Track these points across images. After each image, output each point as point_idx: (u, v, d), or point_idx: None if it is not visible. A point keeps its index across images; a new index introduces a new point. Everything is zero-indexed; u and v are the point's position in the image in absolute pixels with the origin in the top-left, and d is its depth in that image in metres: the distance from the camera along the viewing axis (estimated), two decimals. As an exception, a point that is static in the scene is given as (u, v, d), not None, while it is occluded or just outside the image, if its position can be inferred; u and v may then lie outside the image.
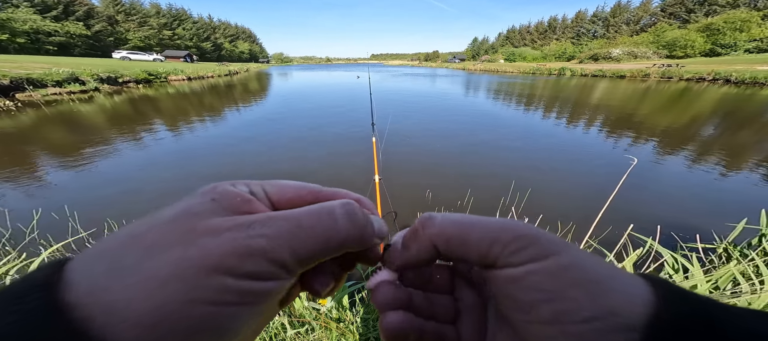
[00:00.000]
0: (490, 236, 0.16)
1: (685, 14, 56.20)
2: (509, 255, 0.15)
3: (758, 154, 4.84)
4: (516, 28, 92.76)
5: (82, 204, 3.04)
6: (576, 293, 0.14)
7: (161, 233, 0.14)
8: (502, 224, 0.16)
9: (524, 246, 0.15)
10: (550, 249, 0.15)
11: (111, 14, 55.67)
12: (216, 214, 0.15)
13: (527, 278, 0.15)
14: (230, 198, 0.17)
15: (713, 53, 43.09)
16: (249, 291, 0.14)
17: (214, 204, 0.16)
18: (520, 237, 0.15)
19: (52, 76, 12.83)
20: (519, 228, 0.16)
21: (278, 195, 0.19)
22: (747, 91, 15.43)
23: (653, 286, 0.14)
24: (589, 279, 0.14)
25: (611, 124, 7.25)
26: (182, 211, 0.15)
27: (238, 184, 0.18)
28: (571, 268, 0.14)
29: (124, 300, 0.12)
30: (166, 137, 5.90)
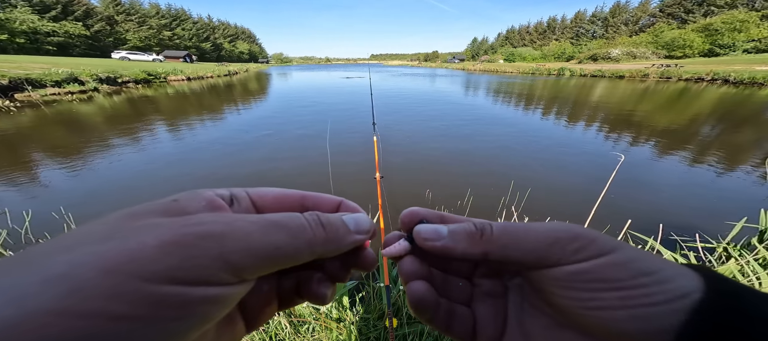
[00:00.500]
0: (548, 239, 0.17)
1: (683, 15, 56.39)
2: (571, 253, 0.16)
3: (757, 153, 4.85)
4: (515, 29, 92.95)
5: (78, 205, 3.03)
6: (644, 280, 0.15)
7: (82, 232, 0.12)
8: (555, 228, 0.17)
9: (585, 245, 0.16)
10: (610, 247, 0.16)
11: (110, 14, 55.60)
12: (167, 214, 0.14)
13: (594, 271, 0.16)
14: (196, 199, 0.15)
15: (712, 53, 43.23)
16: (169, 300, 0.11)
17: (173, 204, 0.14)
18: (579, 237, 0.17)
19: (51, 76, 12.81)
20: (572, 230, 0.17)
21: (261, 198, 0.18)
22: (745, 91, 15.47)
23: (698, 272, 0.16)
24: (650, 269, 0.15)
25: (611, 124, 7.26)
26: (128, 210, 0.13)
27: (219, 190, 0.17)
28: (633, 261, 0.16)
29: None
30: (164, 138, 5.89)
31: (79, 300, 0.10)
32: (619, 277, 0.15)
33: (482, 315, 0.21)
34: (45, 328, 0.09)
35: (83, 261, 0.11)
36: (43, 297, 0.10)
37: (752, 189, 3.60)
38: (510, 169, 4.20)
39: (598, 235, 0.17)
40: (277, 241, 0.14)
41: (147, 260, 0.11)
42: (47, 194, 3.31)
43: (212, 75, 26.04)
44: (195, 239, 0.12)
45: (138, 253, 0.11)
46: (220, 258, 0.12)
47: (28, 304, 0.10)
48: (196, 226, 0.13)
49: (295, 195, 0.20)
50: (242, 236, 0.13)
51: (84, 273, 0.10)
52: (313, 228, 0.16)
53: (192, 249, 0.12)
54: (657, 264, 0.16)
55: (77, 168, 4.12)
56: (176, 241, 0.12)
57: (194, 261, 0.12)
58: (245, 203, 0.18)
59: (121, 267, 0.11)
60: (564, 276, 0.16)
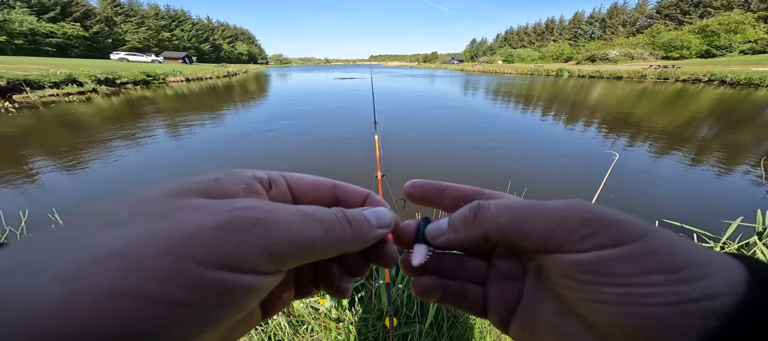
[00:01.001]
0: (550, 223, 0.15)
1: (680, 16, 56.79)
2: (577, 240, 0.14)
3: (754, 154, 4.89)
4: (514, 30, 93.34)
5: (71, 206, 3.02)
6: (657, 278, 0.13)
7: (131, 209, 0.12)
8: (564, 209, 0.15)
9: (595, 231, 0.14)
10: (632, 236, 0.14)
11: (109, 15, 55.53)
12: (209, 194, 0.13)
13: (597, 263, 0.14)
14: (236, 181, 0.15)
15: (708, 54, 43.53)
16: (215, 286, 0.11)
17: (215, 183, 0.14)
18: (587, 222, 0.14)
19: (50, 77, 12.78)
20: (585, 212, 0.15)
21: (297, 184, 0.19)
22: (742, 92, 15.57)
23: (748, 268, 0.13)
24: (675, 266, 0.13)
25: (609, 125, 7.30)
26: (170, 187, 0.13)
27: (257, 172, 0.17)
28: (654, 254, 0.13)
29: (38, 284, 0.09)
30: (163, 138, 5.88)
31: (135, 282, 0.10)
32: (626, 272, 0.13)
33: (494, 295, 0.20)
34: (97, 310, 0.09)
35: (140, 239, 0.10)
36: (96, 277, 0.09)
37: (749, 189, 3.63)
38: (509, 169, 4.21)
39: (620, 220, 0.14)
40: (313, 234, 0.14)
41: (202, 243, 0.11)
42: (41, 195, 3.30)
43: (211, 76, 26.02)
44: (246, 225, 0.12)
45: (194, 236, 0.11)
46: (266, 247, 0.12)
47: (81, 284, 0.09)
48: (245, 211, 0.12)
49: (327, 184, 0.20)
50: (285, 226, 0.13)
51: (142, 253, 0.10)
52: (342, 225, 0.16)
53: (243, 234, 0.12)
54: (689, 260, 0.13)
55: (73, 168, 4.11)
56: (229, 225, 0.12)
57: (244, 248, 0.12)
58: (282, 188, 0.17)
59: (178, 250, 0.11)
60: (564, 264, 0.15)
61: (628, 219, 0.14)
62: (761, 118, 8.43)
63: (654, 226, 0.14)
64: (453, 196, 0.22)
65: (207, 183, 0.14)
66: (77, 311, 0.09)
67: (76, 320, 0.09)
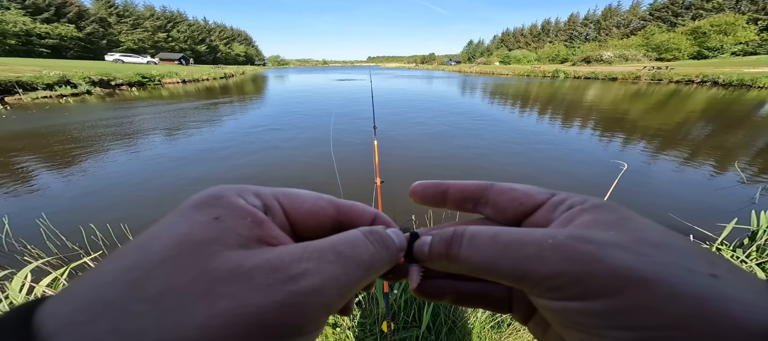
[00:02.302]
0: (519, 271, 0.14)
1: (672, 18, 57.69)
2: (542, 290, 0.14)
3: (748, 154, 4.96)
4: (510, 31, 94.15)
5: (60, 213, 2.97)
6: (618, 334, 0.12)
7: (167, 276, 0.11)
8: (538, 253, 0.13)
9: (561, 285, 0.13)
10: (604, 289, 0.12)
11: (103, 16, 55.01)
12: (226, 245, 0.13)
13: (562, 312, 0.13)
14: (239, 218, 0.14)
15: (700, 56, 44.25)
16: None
17: (220, 226, 0.13)
18: (557, 274, 0.13)
19: (43, 78, 12.61)
20: (557, 262, 0.13)
21: (293, 207, 0.17)
22: (734, 93, 15.84)
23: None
24: (648, 323, 0.11)
25: (606, 127, 7.37)
26: (181, 239, 0.12)
27: (247, 194, 0.15)
28: (624, 312, 0.12)
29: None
30: (158, 141, 5.82)
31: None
32: (588, 323, 0.13)
33: (518, 294, 0.19)
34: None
35: (213, 335, 0.10)
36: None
37: (743, 189, 3.67)
38: (507, 173, 4.23)
39: (593, 273, 0.12)
40: (356, 278, 0.14)
41: (273, 324, 0.11)
42: (28, 199, 3.25)
43: (208, 77, 25.85)
44: (304, 297, 0.12)
45: (263, 320, 0.11)
46: (324, 308, 0.13)
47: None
48: (299, 282, 0.12)
49: (328, 209, 0.18)
50: (333, 282, 0.13)
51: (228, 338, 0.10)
52: (382, 254, 0.16)
53: (304, 306, 0.12)
54: (670, 318, 0.11)
55: (62, 173, 4.04)
56: (291, 302, 0.12)
57: (309, 316, 0.12)
58: (279, 216, 0.16)
59: (255, 334, 0.11)
60: (534, 300, 0.15)
61: (612, 270, 0.12)
62: (753, 118, 8.58)
63: (649, 272, 0.12)
64: (456, 197, 0.21)
65: (212, 229, 0.13)
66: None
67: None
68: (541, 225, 0.17)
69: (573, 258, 0.13)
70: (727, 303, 0.11)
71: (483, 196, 0.20)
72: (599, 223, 0.14)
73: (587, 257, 0.13)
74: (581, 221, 0.15)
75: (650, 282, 0.12)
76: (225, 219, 0.13)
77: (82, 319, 0.10)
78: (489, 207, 0.20)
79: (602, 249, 0.13)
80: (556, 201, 0.18)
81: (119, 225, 2.48)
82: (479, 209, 0.20)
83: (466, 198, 0.20)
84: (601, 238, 0.13)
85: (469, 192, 0.20)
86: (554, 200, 0.18)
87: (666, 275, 0.12)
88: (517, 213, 0.19)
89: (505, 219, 0.19)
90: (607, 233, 0.14)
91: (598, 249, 0.13)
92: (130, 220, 2.63)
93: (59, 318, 0.10)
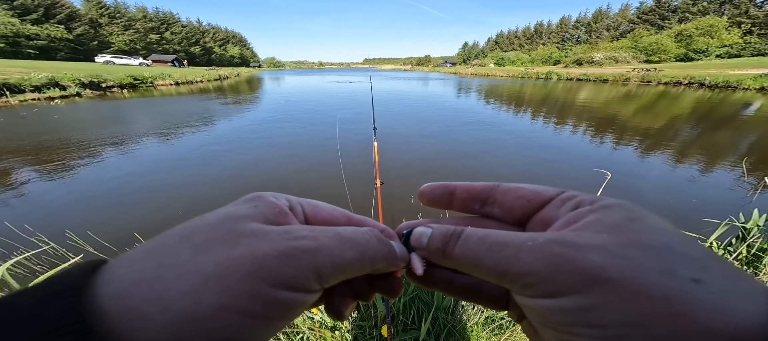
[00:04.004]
0: (499, 269, 0.15)
1: (659, 21, 59.30)
2: (520, 287, 0.15)
3: (735, 153, 5.11)
4: (504, 33, 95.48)
5: (43, 218, 2.89)
6: (585, 331, 0.13)
7: (207, 233, 0.15)
8: (516, 254, 0.15)
9: (533, 283, 0.14)
10: (576, 286, 0.13)
11: (94, 17, 54.02)
12: (257, 220, 0.16)
13: (536, 308, 0.14)
14: (271, 208, 0.17)
15: (687, 58, 45.55)
16: (280, 303, 0.14)
17: (257, 210, 0.17)
18: (529, 274, 0.14)
19: (31, 81, 12.30)
20: (536, 263, 0.14)
21: (313, 214, 0.20)
22: (720, 95, 16.31)
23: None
24: (611, 320, 0.12)
25: (603, 128, 7.51)
26: (226, 213, 0.16)
27: (280, 197, 0.19)
28: (597, 308, 0.12)
29: (159, 300, 0.12)
30: (152, 143, 5.72)
31: (233, 299, 0.13)
32: (557, 320, 0.14)
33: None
34: (211, 321, 0.12)
35: (226, 264, 0.13)
36: (208, 294, 0.13)
37: (731, 188, 3.77)
38: (506, 175, 4.28)
39: (562, 272, 0.13)
40: (350, 257, 0.16)
41: (271, 269, 0.14)
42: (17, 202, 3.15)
43: (202, 79, 25.55)
44: (300, 252, 0.15)
45: (265, 262, 0.14)
46: (316, 270, 0.15)
47: (201, 300, 0.12)
48: (298, 241, 0.15)
49: (341, 219, 0.20)
50: (328, 252, 0.15)
51: (232, 275, 0.13)
52: (377, 245, 0.17)
53: (299, 261, 0.14)
54: (634, 315, 0.12)
55: (52, 175, 3.94)
56: (289, 254, 0.14)
57: (300, 272, 0.14)
58: (300, 216, 0.19)
59: (255, 273, 0.13)
60: (517, 299, 0.16)
61: (582, 270, 0.13)
62: (739, 117, 8.84)
63: (617, 272, 0.13)
64: (463, 198, 0.21)
65: (250, 209, 0.17)
66: (201, 320, 0.12)
67: (200, 328, 0.12)
68: (548, 222, 0.18)
69: (546, 258, 0.14)
70: (696, 305, 0.11)
71: (490, 196, 0.20)
72: (600, 224, 0.15)
73: (559, 259, 0.14)
74: (584, 222, 0.16)
75: (616, 282, 0.12)
76: (260, 206, 0.17)
77: (139, 257, 0.14)
78: (496, 207, 0.20)
79: (578, 252, 0.13)
80: (564, 197, 0.18)
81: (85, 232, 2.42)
82: (486, 209, 0.21)
83: (473, 197, 0.21)
84: (584, 241, 0.14)
85: (476, 192, 0.21)
86: (563, 197, 0.18)
87: (634, 276, 0.12)
88: (526, 210, 0.19)
89: (512, 218, 0.20)
90: (598, 236, 0.14)
91: (574, 251, 0.14)
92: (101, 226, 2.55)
93: (128, 255, 0.14)
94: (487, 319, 1.35)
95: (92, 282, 0.12)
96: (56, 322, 0.11)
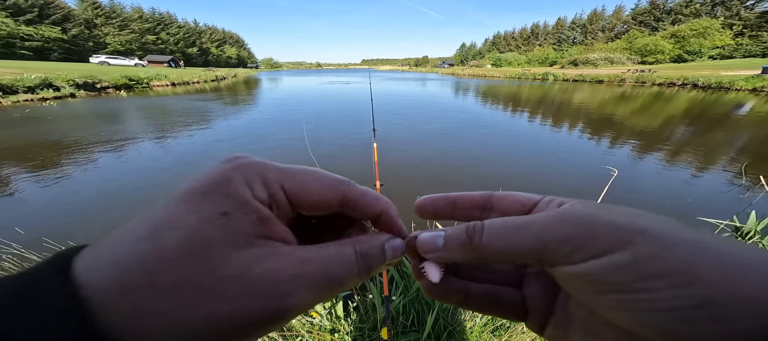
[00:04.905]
0: (539, 243, 0.15)
1: (653, 23, 60.11)
2: (565, 256, 0.15)
3: (729, 153, 5.17)
4: (501, 34, 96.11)
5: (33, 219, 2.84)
6: (652, 284, 0.12)
7: (181, 271, 0.13)
8: (549, 225, 0.15)
9: (579, 246, 0.14)
10: (617, 241, 0.14)
11: (89, 17, 53.47)
12: (234, 245, 0.14)
13: (590, 274, 0.14)
14: (245, 215, 0.15)
15: (681, 59, 46.22)
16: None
17: (228, 225, 0.14)
18: (571, 237, 0.14)
19: (24, 81, 12.14)
20: (568, 226, 0.15)
21: (298, 199, 0.17)
22: (713, 95, 16.55)
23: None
24: (663, 270, 0.12)
25: (599, 128, 7.58)
26: (195, 236, 0.13)
27: (255, 183, 0.16)
28: (646, 260, 0.13)
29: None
30: (147, 144, 5.66)
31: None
32: (619, 280, 0.13)
33: (532, 296, 0.20)
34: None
35: (214, 321, 0.13)
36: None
37: (726, 190, 3.81)
38: (506, 176, 4.29)
39: (601, 231, 0.14)
40: (336, 293, 0.16)
41: (260, 322, 0.14)
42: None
43: (199, 80, 25.37)
44: (292, 311, 0.14)
45: (256, 320, 0.13)
46: (298, 311, 0.15)
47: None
48: (291, 300, 0.14)
49: (334, 201, 0.18)
50: (318, 300, 0.15)
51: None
52: (362, 277, 0.17)
53: (290, 315, 0.14)
54: (681, 263, 0.12)
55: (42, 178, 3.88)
56: (279, 314, 0.14)
57: (289, 319, 0.15)
58: (283, 207, 0.17)
59: (244, 328, 0.13)
60: (564, 276, 0.15)
61: (612, 225, 0.14)
62: (731, 117, 8.97)
63: (644, 226, 0.14)
64: (465, 207, 0.22)
65: (220, 227, 0.14)
66: None
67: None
68: None
69: (579, 222, 0.15)
70: (728, 257, 0.12)
71: (488, 203, 0.21)
72: (586, 207, 0.16)
73: (592, 219, 0.14)
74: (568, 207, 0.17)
75: (652, 233, 0.13)
76: (233, 216, 0.14)
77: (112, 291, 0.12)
78: (494, 212, 0.21)
79: (597, 212, 0.15)
80: (547, 200, 0.19)
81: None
82: (485, 215, 0.21)
83: (475, 206, 0.21)
84: (592, 207, 0.15)
85: (477, 200, 0.21)
86: (546, 199, 0.19)
87: (666, 230, 0.13)
88: (520, 214, 0.20)
89: None
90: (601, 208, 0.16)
91: (603, 212, 0.15)
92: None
93: (90, 274, 0.12)
94: (487, 321, 1.35)
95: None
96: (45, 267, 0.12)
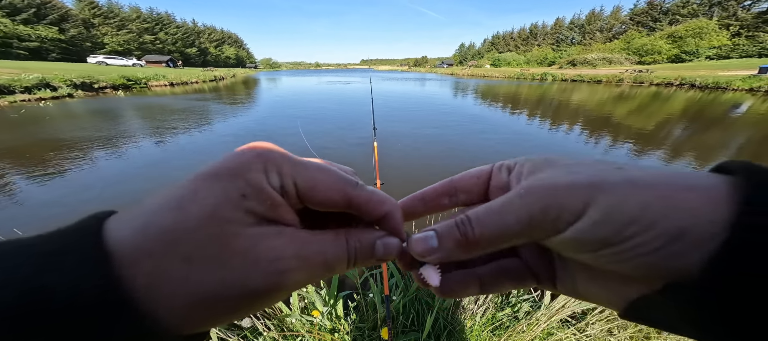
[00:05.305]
0: (524, 221, 0.16)
1: (651, 23, 60.46)
2: (552, 225, 0.15)
3: (726, 154, 5.21)
4: (500, 35, 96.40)
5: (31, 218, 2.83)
6: (631, 230, 0.13)
7: (199, 242, 0.14)
8: (525, 203, 0.16)
9: (558, 214, 0.15)
10: (585, 202, 0.14)
11: (86, 17, 53.26)
12: (246, 223, 0.15)
13: (579, 237, 0.15)
14: (260, 200, 0.16)
15: (678, 59, 46.51)
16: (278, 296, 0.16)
17: (244, 203, 0.15)
18: (550, 207, 0.15)
19: (21, 81, 12.07)
20: (542, 199, 0.15)
21: (307, 195, 0.18)
22: (711, 95, 16.65)
23: (735, 182, 0.13)
24: (638, 214, 0.13)
25: (597, 128, 7.61)
26: (214, 213, 0.15)
27: (271, 172, 0.17)
28: (613, 211, 0.14)
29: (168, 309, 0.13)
30: (145, 144, 5.64)
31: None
32: (604, 235, 0.14)
33: (531, 259, 0.20)
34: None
35: (227, 284, 0.14)
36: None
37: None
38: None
39: (569, 192, 0.15)
40: (329, 275, 0.17)
41: (258, 294, 0.15)
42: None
43: (197, 80, 25.30)
44: (288, 287, 0.16)
45: (254, 291, 0.15)
46: (295, 286, 0.16)
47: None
48: (289, 277, 0.16)
49: (340, 202, 0.19)
50: (311, 280, 0.17)
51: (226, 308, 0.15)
52: (349, 260, 0.18)
53: (285, 290, 0.16)
54: (654, 194, 0.13)
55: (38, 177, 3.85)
56: (276, 288, 0.16)
57: (283, 294, 0.16)
58: (293, 199, 0.18)
59: (243, 295, 0.15)
60: (558, 245, 0.16)
61: (573, 187, 0.15)
62: (730, 117, 9.04)
63: (605, 180, 0.15)
64: (433, 198, 0.22)
65: (237, 205, 0.15)
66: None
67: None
68: (500, 188, 0.20)
69: (547, 191, 0.16)
70: (666, 179, 0.14)
71: (451, 187, 0.22)
72: (536, 169, 0.18)
73: (552, 187, 0.16)
74: (526, 172, 0.18)
75: (602, 191, 0.14)
76: (249, 199, 0.16)
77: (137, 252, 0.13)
78: (460, 194, 0.22)
79: (555, 176, 0.16)
80: (498, 166, 0.21)
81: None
82: (453, 200, 0.22)
83: (441, 194, 0.22)
84: (548, 171, 0.17)
85: (441, 189, 0.22)
86: (497, 166, 0.21)
87: (603, 177, 0.15)
88: (480, 187, 0.22)
89: (477, 197, 0.22)
90: (544, 172, 0.17)
91: (552, 176, 0.16)
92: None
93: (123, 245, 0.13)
94: (487, 320, 1.35)
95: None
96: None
